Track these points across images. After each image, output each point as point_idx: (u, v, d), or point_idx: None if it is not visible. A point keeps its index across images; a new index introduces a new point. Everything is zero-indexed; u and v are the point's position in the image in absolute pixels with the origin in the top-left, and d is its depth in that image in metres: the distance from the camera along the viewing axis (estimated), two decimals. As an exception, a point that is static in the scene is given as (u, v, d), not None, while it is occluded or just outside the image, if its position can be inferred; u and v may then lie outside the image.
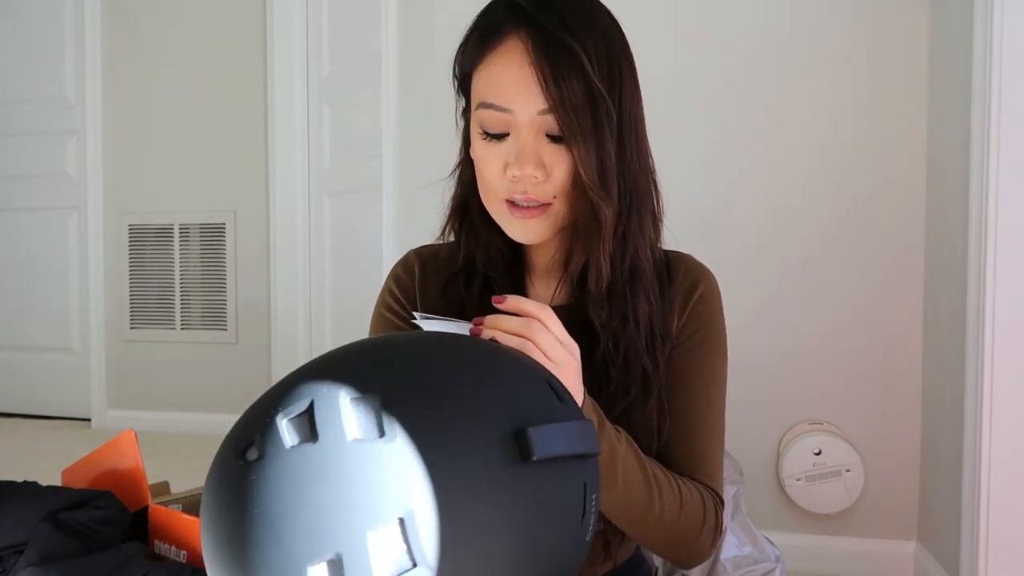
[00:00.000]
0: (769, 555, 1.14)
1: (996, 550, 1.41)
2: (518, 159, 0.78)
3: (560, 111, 0.77)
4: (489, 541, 0.53)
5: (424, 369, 0.58)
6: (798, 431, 1.76)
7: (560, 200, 0.80)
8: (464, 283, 0.88)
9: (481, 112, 0.80)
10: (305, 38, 2.87)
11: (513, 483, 0.54)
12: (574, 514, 0.57)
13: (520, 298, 0.70)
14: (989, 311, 1.41)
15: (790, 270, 1.79)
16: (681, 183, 1.82)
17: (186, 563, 1.38)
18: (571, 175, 0.79)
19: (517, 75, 0.78)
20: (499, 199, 0.81)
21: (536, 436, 0.55)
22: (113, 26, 3.11)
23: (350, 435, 0.53)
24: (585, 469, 0.59)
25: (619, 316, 0.84)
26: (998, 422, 1.41)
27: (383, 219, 2.30)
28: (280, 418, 0.54)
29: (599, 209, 0.79)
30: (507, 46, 0.79)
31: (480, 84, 0.81)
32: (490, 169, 0.81)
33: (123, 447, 1.57)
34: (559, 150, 0.79)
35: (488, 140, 0.81)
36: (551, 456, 0.55)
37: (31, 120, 3.24)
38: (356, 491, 0.51)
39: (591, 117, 0.78)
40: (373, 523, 0.50)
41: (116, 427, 2.98)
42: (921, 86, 1.71)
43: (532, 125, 0.78)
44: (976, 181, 1.44)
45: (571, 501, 0.57)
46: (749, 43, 1.79)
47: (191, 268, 3.10)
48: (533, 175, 0.78)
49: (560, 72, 0.77)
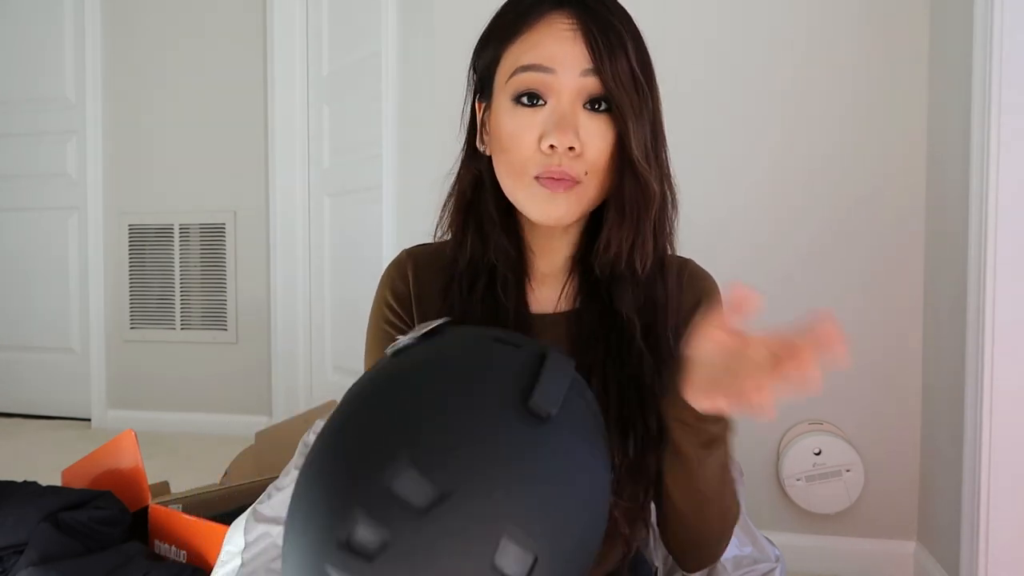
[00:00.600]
0: (769, 555, 1.14)
1: (996, 550, 1.41)
2: (558, 126, 0.75)
3: (608, 80, 0.76)
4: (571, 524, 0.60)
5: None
6: (798, 431, 1.76)
7: (591, 177, 0.78)
8: (467, 286, 0.85)
9: (517, 77, 0.77)
10: (305, 38, 2.87)
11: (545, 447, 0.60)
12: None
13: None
14: (989, 311, 1.41)
15: (790, 270, 1.79)
16: (680, 183, 1.82)
17: (186, 563, 1.39)
18: (607, 151, 0.78)
19: (561, 36, 0.76)
20: (529, 176, 0.78)
21: (540, 398, 0.61)
22: (113, 26, 3.11)
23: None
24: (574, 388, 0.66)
25: (650, 304, 0.83)
26: (998, 422, 1.41)
27: (383, 219, 2.30)
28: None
29: (647, 184, 0.78)
30: (551, 19, 0.77)
31: (515, 54, 0.78)
32: (523, 141, 0.77)
33: (123, 447, 1.58)
34: (596, 122, 0.77)
35: (522, 107, 0.77)
36: (558, 402, 0.62)
37: (31, 120, 3.24)
38: None
39: (636, 95, 0.77)
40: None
41: (116, 427, 2.98)
42: (921, 86, 1.72)
43: (573, 89, 0.76)
44: (976, 181, 1.44)
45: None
46: (747, 44, 1.79)
47: (191, 268, 3.10)
48: (571, 145, 0.75)
49: (608, 46, 0.76)
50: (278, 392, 2.94)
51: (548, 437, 0.60)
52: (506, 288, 0.84)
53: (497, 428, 0.59)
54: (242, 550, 1.11)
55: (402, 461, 0.56)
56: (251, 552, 1.11)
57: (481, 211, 0.85)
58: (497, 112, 0.80)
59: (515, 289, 0.85)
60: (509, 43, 0.79)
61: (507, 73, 0.79)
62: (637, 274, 0.81)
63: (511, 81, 0.78)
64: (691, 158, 1.83)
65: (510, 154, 0.79)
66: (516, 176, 0.79)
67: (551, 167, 0.76)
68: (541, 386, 0.61)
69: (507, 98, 0.79)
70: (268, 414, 2.94)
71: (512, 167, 0.79)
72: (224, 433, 2.91)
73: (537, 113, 0.77)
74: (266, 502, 1.18)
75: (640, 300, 0.82)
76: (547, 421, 0.60)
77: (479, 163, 0.85)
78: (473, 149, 0.86)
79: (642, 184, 0.78)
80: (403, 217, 2.22)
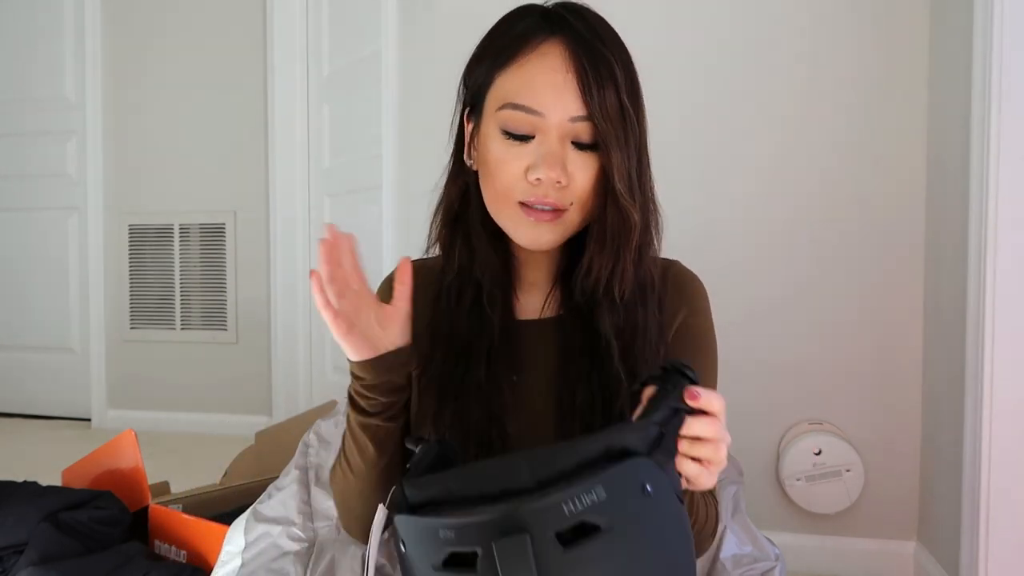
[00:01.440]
0: (769, 554, 1.14)
1: (996, 550, 1.41)
2: (546, 161, 0.77)
3: (598, 119, 0.77)
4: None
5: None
6: (798, 431, 1.76)
7: (575, 208, 0.80)
8: (455, 296, 0.87)
9: (506, 112, 0.79)
10: (305, 38, 2.87)
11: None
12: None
13: (711, 395, 0.64)
14: (989, 311, 1.41)
15: (790, 270, 1.79)
16: (680, 182, 1.83)
17: (186, 563, 1.39)
18: (592, 183, 0.80)
19: (554, 79, 0.77)
20: (513, 201, 0.80)
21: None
22: (113, 26, 3.11)
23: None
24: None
25: (631, 327, 0.84)
26: (998, 422, 1.41)
27: (383, 219, 2.31)
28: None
29: (628, 216, 0.79)
30: (543, 50, 0.78)
31: (507, 85, 0.79)
32: (508, 170, 0.79)
33: (123, 447, 1.58)
34: (582, 157, 0.79)
35: (510, 140, 0.79)
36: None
37: (31, 120, 3.24)
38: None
39: (623, 127, 0.78)
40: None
41: (116, 427, 2.98)
42: (921, 86, 1.71)
43: (561, 130, 0.78)
44: (976, 181, 1.44)
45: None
46: (747, 44, 1.79)
47: (191, 268, 3.10)
48: (558, 180, 0.77)
49: (599, 81, 0.77)
50: (278, 392, 2.94)
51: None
52: (492, 300, 0.86)
53: None
54: (242, 550, 1.11)
55: None
56: (251, 552, 1.11)
57: (468, 224, 0.86)
58: (485, 136, 0.82)
59: (501, 299, 0.86)
60: (501, 70, 0.80)
61: (497, 103, 0.80)
62: (615, 300, 0.83)
63: (500, 113, 0.79)
64: (690, 159, 1.83)
65: (496, 180, 0.80)
66: (501, 200, 0.81)
67: (537, 197, 0.78)
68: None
69: (495, 127, 0.80)
70: (268, 414, 2.94)
71: (497, 192, 0.81)
72: (224, 433, 2.91)
73: (524, 147, 0.79)
74: (266, 502, 1.18)
75: (620, 322, 0.84)
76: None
77: (466, 176, 0.86)
78: (460, 162, 0.87)
79: (624, 215, 0.80)
80: (403, 217, 2.22)
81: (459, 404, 0.83)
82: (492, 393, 0.83)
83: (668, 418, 0.62)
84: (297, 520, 1.13)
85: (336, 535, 1.11)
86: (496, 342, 0.85)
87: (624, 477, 0.58)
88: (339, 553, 1.07)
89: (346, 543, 1.09)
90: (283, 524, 1.13)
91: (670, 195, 0.90)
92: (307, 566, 1.07)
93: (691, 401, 0.63)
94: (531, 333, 0.87)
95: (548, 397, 0.85)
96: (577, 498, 0.56)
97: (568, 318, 0.86)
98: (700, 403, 0.63)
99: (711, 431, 0.63)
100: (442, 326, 0.86)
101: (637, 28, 1.77)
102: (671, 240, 0.93)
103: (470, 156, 0.86)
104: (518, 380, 0.85)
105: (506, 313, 0.87)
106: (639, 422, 0.62)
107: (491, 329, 0.85)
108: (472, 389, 0.83)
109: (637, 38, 0.88)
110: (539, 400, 0.85)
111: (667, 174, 0.90)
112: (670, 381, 0.64)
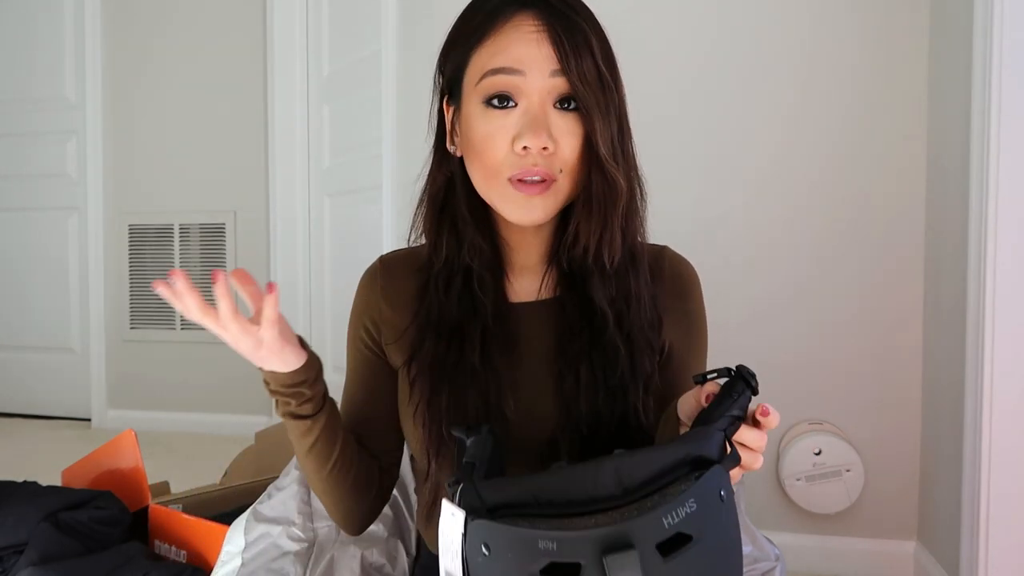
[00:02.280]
0: (769, 554, 1.14)
1: (996, 550, 1.41)
2: (531, 129, 0.77)
3: (576, 84, 0.77)
4: None
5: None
6: (798, 431, 1.76)
7: (565, 175, 0.79)
8: (444, 285, 0.86)
9: (487, 80, 0.78)
10: (305, 38, 2.87)
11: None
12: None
13: (777, 415, 0.69)
14: (989, 311, 1.41)
15: (790, 270, 1.79)
16: (680, 182, 1.83)
17: (186, 563, 1.38)
18: (578, 148, 0.79)
19: (528, 38, 0.78)
20: (502, 177, 0.79)
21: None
22: (113, 26, 3.11)
23: None
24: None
25: (623, 296, 0.84)
26: (998, 422, 1.41)
27: (383, 219, 2.31)
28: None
29: (614, 181, 0.79)
30: (516, 22, 0.78)
31: (483, 58, 0.79)
32: (496, 143, 0.78)
33: (123, 447, 1.58)
34: (567, 121, 0.79)
35: (494, 109, 0.79)
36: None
37: (31, 120, 3.24)
38: None
39: (603, 93, 0.78)
40: None
41: (116, 427, 2.98)
42: (921, 86, 1.72)
43: (542, 89, 0.78)
44: (976, 180, 1.44)
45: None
46: (747, 43, 1.79)
47: (191, 268, 3.10)
48: (544, 146, 0.77)
49: (575, 49, 0.77)
50: (278, 392, 2.94)
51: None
52: (483, 284, 0.85)
53: None
54: (242, 550, 1.11)
55: None
56: (251, 552, 1.11)
57: (455, 212, 0.86)
58: (468, 115, 0.81)
59: (492, 283, 0.86)
60: (477, 46, 0.80)
61: (476, 76, 0.80)
62: (606, 267, 0.83)
63: (481, 84, 0.79)
64: (691, 157, 1.83)
65: (484, 156, 0.80)
66: (490, 178, 0.80)
67: (526, 168, 0.78)
68: None
69: (478, 101, 0.80)
70: (268, 414, 2.94)
71: (486, 169, 0.80)
72: (224, 433, 2.91)
73: (509, 115, 0.78)
74: (266, 502, 1.18)
75: (612, 292, 0.84)
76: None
77: (450, 165, 0.86)
78: (443, 151, 0.87)
79: (610, 180, 0.79)
80: (403, 217, 2.22)
81: (454, 389, 0.83)
82: (488, 377, 0.83)
83: (728, 424, 0.66)
84: (297, 520, 1.13)
85: (336, 535, 1.11)
86: (490, 325, 0.84)
87: (709, 487, 0.61)
88: (339, 553, 1.07)
89: (346, 543, 1.09)
90: (283, 524, 1.13)
91: (670, 195, 0.91)
92: (307, 566, 1.07)
93: (762, 417, 0.67)
94: (526, 315, 0.87)
95: (547, 379, 0.85)
96: (674, 511, 0.59)
97: (566, 297, 0.86)
98: (769, 421, 0.67)
99: (761, 444, 0.67)
100: (431, 314, 0.86)
101: (638, 28, 1.77)
102: (671, 240, 0.93)
103: (452, 143, 0.86)
104: (515, 362, 0.85)
105: (498, 296, 0.86)
106: (708, 428, 0.65)
107: (483, 312, 0.84)
108: (467, 373, 0.83)
109: (638, 38, 0.88)
110: (537, 382, 0.85)
111: (667, 174, 0.90)
112: (736, 388, 0.67)
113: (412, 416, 0.86)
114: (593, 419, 0.82)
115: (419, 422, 0.85)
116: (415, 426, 0.86)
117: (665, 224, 1.02)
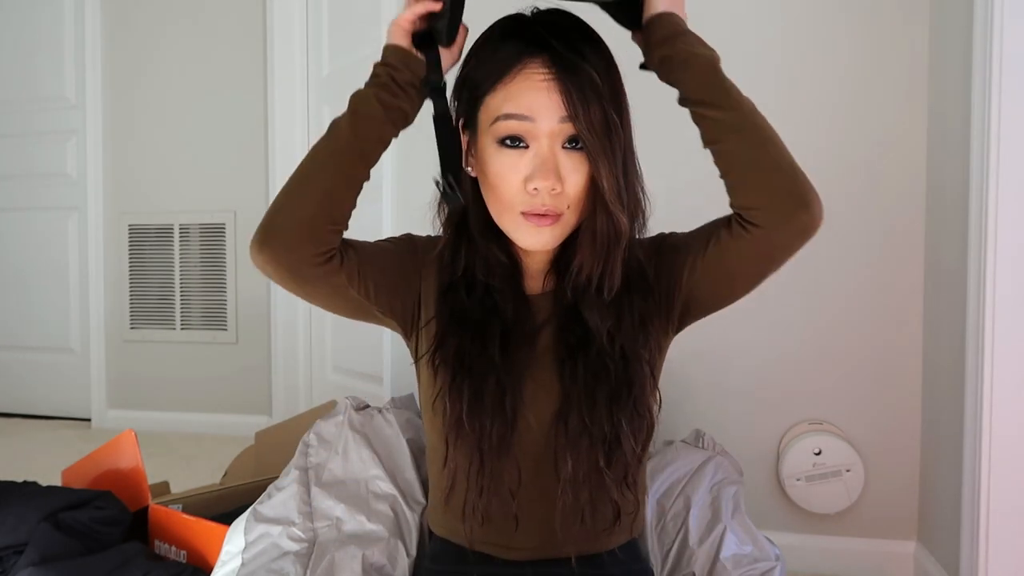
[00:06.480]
0: (769, 554, 1.14)
1: (996, 550, 1.41)
2: (540, 172, 0.84)
3: (584, 135, 0.83)
4: None
5: None
6: (798, 431, 1.76)
7: (571, 211, 0.88)
8: (465, 291, 0.94)
9: (500, 124, 0.85)
10: (305, 38, 2.87)
11: None
12: None
13: None
14: (989, 311, 1.41)
15: (789, 269, 1.78)
16: (680, 182, 1.82)
17: (186, 563, 1.39)
18: (583, 185, 0.86)
19: (539, 87, 0.84)
20: (515, 212, 0.87)
21: None
22: (113, 26, 3.11)
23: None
24: None
25: (614, 318, 0.92)
26: (998, 422, 1.41)
27: (383, 219, 2.30)
28: None
29: (618, 221, 0.86)
30: (526, 70, 0.85)
31: (496, 101, 0.86)
32: (508, 182, 0.86)
33: (123, 447, 1.58)
34: (573, 159, 0.86)
35: (506, 149, 0.86)
36: None
37: (31, 120, 3.24)
38: None
39: (609, 138, 0.85)
40: None
41: (116, 427, 2.98)
42: (921, 86, 1.71)
43: (552, 133, 0.85)
44: (976, 180, 1.44)
45: None
46: (745, 41, 1.79)
47: (191, 268, 3.10)
48: (553, 187, 0.84)
49: (583, 100, 0.83)
50: (278, 392, 2.94)
51: None
52: (504, 296, 0.94)
53: None
54: (242, 550, 1.11)
55: None
56: (251, 552, 1.11)
57: (471, 229, 0.94)
58: (483, 148, 0.89)
59: (509, 285, 0.95)
60: (489, 92, 0.87)
61: (489, 118, 0.87)
62: (604, 297, 0.91)
63: (494, 126, 0.86)
64: (687, 152, 1.82)
65: (498, 191, 0.88)
66: (504, 211, 0.89)
67: (536, 205, 0.86)
68: None
69: (491, 140, 0.87)
70: (268, 414, 2.94)
71: (500, 203, 0.89)
72: (224, 433, 2.91)
73: (522, 156, 0.86)
74: (266, 502, 1.18)
75: (605, 315, 0.92)
76: None
77: (465, 183, 0.93)
78: (456, 174, 0.94)
79: (614, 221, 0.87)
80: (403, 217, 2.22)
81: (475, 376, 0.91)
82: (504, 365, 0.91)
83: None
84: (297, 520, 1.14)
85: (336, 535, 1.11)
86: (508, 320, 0.93)
87: None
88: (339, 553, 1.07)
89: (346, 543, 1.09)
90: (283, 524, 1.13)
91: (670, 196, 0.94)
92: (307, 566, 1.07)
93: None
94: (538, 305, 0.97)
95: (552, 365, 0.93)
96: None
97: (561, 291, 0.95)
98: None
99: None
100: (455, 313, 0.94)
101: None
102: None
103: (467, 163, 0.93)
104: (528, 349, 0.94)
105: (515, 295, 0.95)
106: None
107: (503, 314, 0.93)
108: (487, 363, 0.91)
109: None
110: (544, 367, 0.94)
111: (667, 173, 0.92)
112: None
113: (432, 402, 0.94)
114: (590, 399, 0.91)
115: (439, 408, 0.92)
116: (435, 413, 0.94)
117: (665, 224, 1.03)
